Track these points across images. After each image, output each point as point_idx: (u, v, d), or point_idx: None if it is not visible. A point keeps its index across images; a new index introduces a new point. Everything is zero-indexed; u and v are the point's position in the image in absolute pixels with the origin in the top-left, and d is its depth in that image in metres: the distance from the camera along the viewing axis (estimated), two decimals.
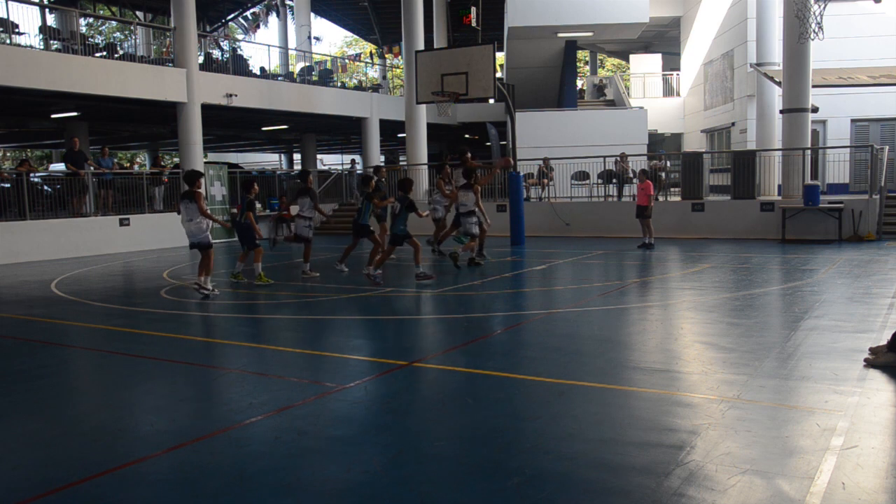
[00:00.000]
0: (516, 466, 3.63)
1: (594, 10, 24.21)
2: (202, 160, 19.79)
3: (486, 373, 5.56)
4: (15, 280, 12.17)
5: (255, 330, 7.76)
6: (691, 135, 30.07)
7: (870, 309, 7.51)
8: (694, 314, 7.76)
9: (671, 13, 30.28)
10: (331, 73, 29.04)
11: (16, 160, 36.67)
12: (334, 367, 5.91)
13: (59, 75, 16.01)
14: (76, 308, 9.20)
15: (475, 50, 15.73)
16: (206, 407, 4.99)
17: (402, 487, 3.45)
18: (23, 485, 3.61)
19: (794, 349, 5.88)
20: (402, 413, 4.65)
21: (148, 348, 6.78)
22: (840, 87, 20.71)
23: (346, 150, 39.41)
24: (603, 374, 5.38)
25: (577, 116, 25.29)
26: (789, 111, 16.78)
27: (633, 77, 32.00)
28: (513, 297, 9.39)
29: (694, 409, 4.47)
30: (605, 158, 19.43)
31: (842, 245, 14.27)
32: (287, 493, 3.41)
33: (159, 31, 28.63)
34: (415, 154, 22.29)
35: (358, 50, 49.71)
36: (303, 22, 34.09)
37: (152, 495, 3.48)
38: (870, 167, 16.23)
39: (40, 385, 5.52)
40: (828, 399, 4.56)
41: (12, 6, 24.11)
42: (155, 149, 35.04)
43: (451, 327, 7.56)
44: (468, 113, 27.12)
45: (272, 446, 4.04)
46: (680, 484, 3.36)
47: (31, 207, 15.95)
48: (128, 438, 4.31)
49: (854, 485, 3.31)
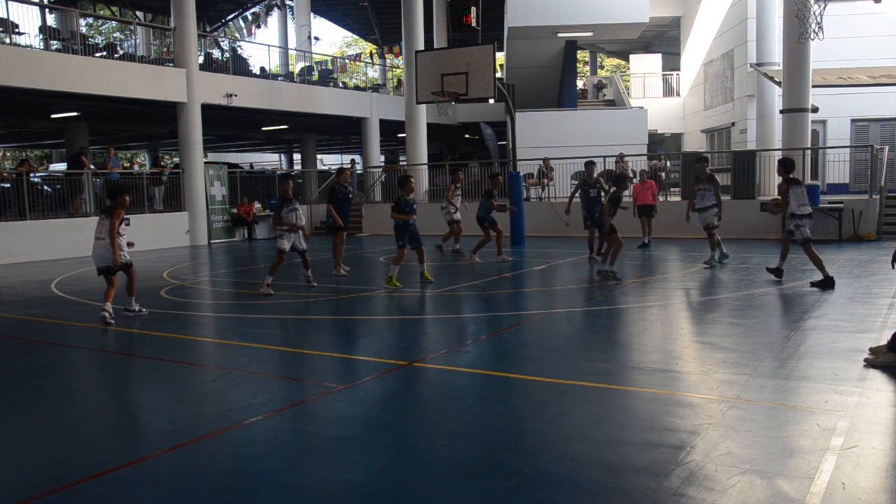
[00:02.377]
0: (516, 466, 3.63)
1: (594, 10, 24.21)
2: (202, 160, 19.80)
3: (486, 373, 5.56)
4: (15, 280, 12.17)
5: (255, 330, 7.76)
6: (691, 135, 30.07)
7: (870, 309, 7.51)
8: (694, 314, 7.76)
9: (671, 13, 30.28)
10: (331, 73, 29.04)
11: (16, 160, 36.66)
12: (334, 367, 5.91)
13: (59, 75, 16.01)
14: (76, 308, 9.20)
15: (475, 50, 15.73)
16: (206, 407, 4.99)
17: (402, 487, 3.45)
18: (23, 485, 3.61)
19: (794, 349, 5.88)
20: (402, 413, 4.65)
21: (148, 348, 6.78)
22: (840, 87, 20.70)
23: (346, 150, 39.41)
24: (603, 374, 5.38)
25: (577, 116, 25.28)
26: (789, 111, 16.79)
27: (633, 77, 32.00)
28: (513, 297, 9.39)
29: (694, 409, 4.47)
30: (605, 158, 19.42)
31: (842, 245, 14.27)
32: (287, 493, 3.41)
33: (159, 31, 28.63)
34: (415, 154, 22.29)
35: (358, 50, 49.69)
36: (303, 22, 34.09)
37: (152, 495, 3.48)
38: (870, 167, 16.23)
39: (40, 385, 5.52)
40: (828, 399, 4.56)
41: (12, 6, 24.12)
42: (155, 149, 35.04)
43: (452, 327, 7.56)
44: (468, 113, 27.11)
45: (272, 446, 4.04)
46: (680, 484, 3.35)
47: (31, 207, 15.95)
48: (128, 438, 4.31)
49: (854, 485, 3.31)
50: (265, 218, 21.57)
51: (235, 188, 21.35)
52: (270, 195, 23.01)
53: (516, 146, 18.02)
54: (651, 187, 14.67)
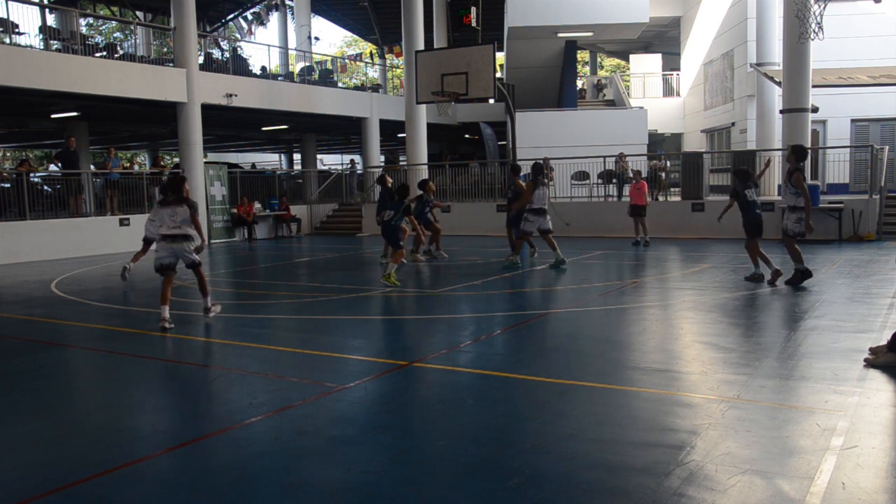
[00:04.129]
0: (516, 466, 3.63)
1: (594, 10, 24.20)
2: (202, 160, 19.79)
3: (486, 373, 5.56)
4: (15, 280, 12.17)
5: (255, 330, 7.75)
6: (691, 135, 30.07)
7: (870, 309, 7.51)
8: (694, 314, 7.76)
9: (671, 13, 30.28)
10: (331, 73, 29.03)
11: (16, 160, 36.65)
12: (334, 367, 5.91)
13: (59, 75, 16.01)
14: (76, 308, 9.20)
15: (475, 50, 15.76)
16: (206, 407, 4.99)
17: (402, 487, 3.45)
18: (23, 485, 3.61)
19: (794, 349, 5.88)
20: (402, 413, 4.65)
21: (148, 348, 6.78)
22: (840, 87, 20.70)
23: (346, 150, 39.40)
24: (603, 374, 5.38)
25: (577, 116, 25.28)
26: (789, 111, 16.78)
27: (633, 77, 32.00)
28: (513, 297, 9.39)
29: (694, 409, 4.47)
30: (604, 158, 19.43)
31: (842, 245, 14.27)
32: (287, 493, 3.41)
33: (159, 31, 28.61)
34: (415, 154, 22.28)
35: (358, 50, 49.68)
36: (303, 22, 34.09)
37: (152, 495, 3.48)
38: (870, 167, 16.24)
39: (41, 385, 5.52)
40: (828, 399, 4.56)
41: (12, 6, 24.11)
42: (155, 149, 35.04)
43: (451, 327, 7.56)
44: (468, 113, 27.11)
45: (272, 446, 4.04)
46: (680, 484, 3.35)
47: (31, 207, 15.95)
48: (128, 438, 4.31)
49: (854, 485, 3.31)
50: (265, 218, 21.58)
51: (235, 188, 21.35)
52: (270, 195, 23.03)
53: (516, 146, 18.02)
54: (642, 187, 14.84)
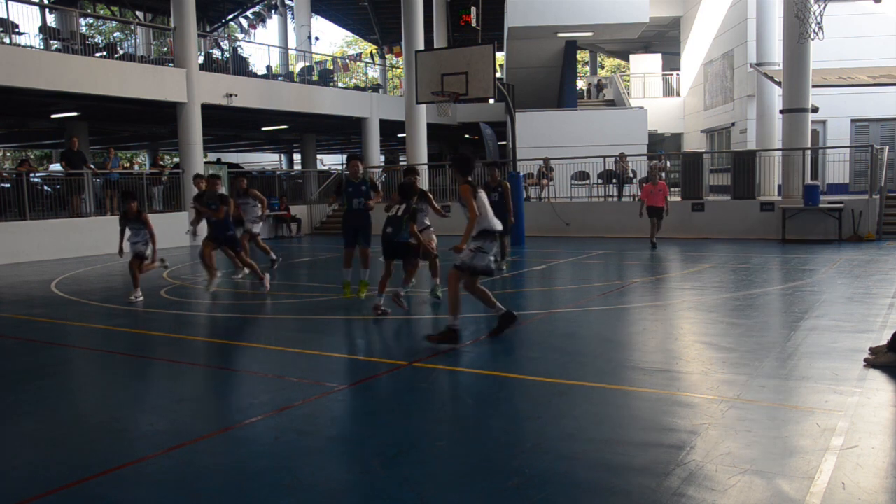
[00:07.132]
0: (516, 466, 3.62)
1: (594, 10, 24.20)
2: (202, 160, 19.78)
3: (486, 373, 5.56)
4: (15, 280, 12.16)
5: (255, 330, 7.76)
6: (691, 135, 30.07)
7: (870, 309, 7.50)
8: (694, 314, 7.76)
9: (671, 13, 30.26)
10: (331, 74, 29.03)
11: (16, 160, 36.65)
12: (334, 367, 5.91)
13: (59, 75, 16.01)
14: (76, 308, 9.20)
15: (475, 50, 15.73)
16: (206, 407, 4.99)
17: (402, 487, 3.45)
18: (23, 485, 3.61)
19: (794, 349, 5.88)
20: (402, 413, 4.65)
21: (148, 348, 6.78)
22: (840, 87, 20.69)
23: (346, 150, 39.37)
24: (603, 374, 5.38)
25: (577, 116, 25.28)
26: (789, 111, 16.78)
27: (633, 77, 31.99)
28: (513, 297, 9.38)
29: (694, 409, 4.47)
30: (605, 158, 19.43)
31: (842, 245, 14.27)
32: (287, 492, 3.41)
33: (159, 31, 28.62)
34: (415, 154, 22.29)
35: (358, 50, 49.69)
36: (303, 22, 34.09)
37: (152, 495, 3.48)
38: (870, 167, 16.24)
39: (40, 385, 5.52)
40: (828, 399, 4.56)
41: (12, 6, 24.13)
42: (155, 149, 35.04)
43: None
44: (468, 113, 27.11)
45: (272, 446, 4.04)
46: (680, 484, 3.35)
47: (31, 207, 15.95)
48: (128, 438, 4.30)
49: (854, 485, 3.31)
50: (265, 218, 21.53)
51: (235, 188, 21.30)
52: (270, 195, 23.01)
53: (516, 146, 18.02)
54: (663, 189, 14.44)
